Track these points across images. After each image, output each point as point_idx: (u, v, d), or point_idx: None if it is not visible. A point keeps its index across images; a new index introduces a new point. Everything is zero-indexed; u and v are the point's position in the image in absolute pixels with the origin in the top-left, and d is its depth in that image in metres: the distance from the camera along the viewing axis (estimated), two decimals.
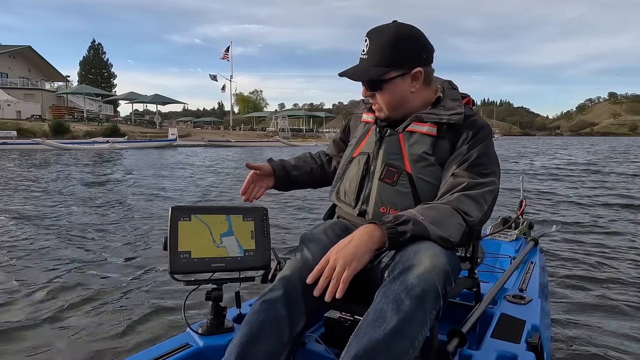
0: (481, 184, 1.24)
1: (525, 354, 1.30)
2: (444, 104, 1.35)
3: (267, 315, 1.14)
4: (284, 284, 1.19)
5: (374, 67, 1.28)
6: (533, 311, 1.59)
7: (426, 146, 1.30)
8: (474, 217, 1.21)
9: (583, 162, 17.51)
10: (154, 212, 6.11)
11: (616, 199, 7.59)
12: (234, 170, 13.44)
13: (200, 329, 1.39)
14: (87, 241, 4.39)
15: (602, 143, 51.40)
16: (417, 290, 1.03)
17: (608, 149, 34.60)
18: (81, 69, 61.23)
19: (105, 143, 27.31)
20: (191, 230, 1.33)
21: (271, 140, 40.26)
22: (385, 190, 1.31)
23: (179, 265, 1.29)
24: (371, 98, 1.37)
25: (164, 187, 9.10)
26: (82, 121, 37.83)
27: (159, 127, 43.14)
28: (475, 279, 1.53)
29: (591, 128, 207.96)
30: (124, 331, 2.43)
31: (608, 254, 4.05)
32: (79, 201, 7.00)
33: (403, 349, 1.00)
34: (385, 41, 1.27)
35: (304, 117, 63.08)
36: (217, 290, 1.40)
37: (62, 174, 11.58)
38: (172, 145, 31.80)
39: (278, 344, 1.13)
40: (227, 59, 55.72)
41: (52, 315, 2.61)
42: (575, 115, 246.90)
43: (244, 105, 71.20)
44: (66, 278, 3.27)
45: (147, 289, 3.07)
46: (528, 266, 2.16)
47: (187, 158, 19.99)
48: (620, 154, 24.69)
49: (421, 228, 1.13)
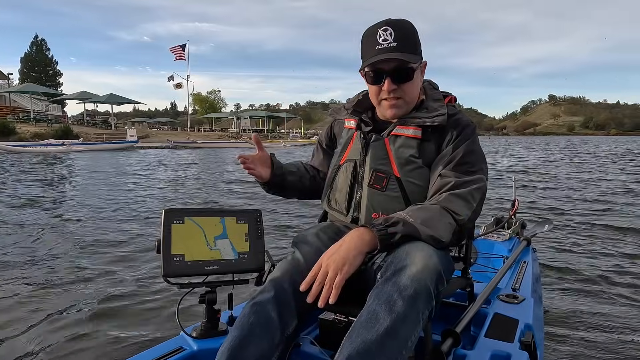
0: (468, 182, 1.25)
1: (518, 353, 1.31)
2: (426, 106, 1.36)
3: (257, 317, 1.13)
4: (275, 285, 1.19)
5: (407, 54, 1.26)
6: (526, 310, 1.60)
7: (413, 149, 1.30)
8: (463, 216, 1.22)
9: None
10: (144, 215, 6.08)
11: (607, 197, 7.67)
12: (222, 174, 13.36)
13: (194, 332, 1.39)
14: (78, 243, 4.35)
15: (545, 143, 50.36)
16: (410, 291, 1.03)
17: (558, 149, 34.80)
18: (23, 67, 56.53)
19: (60, 145, 25.61)
20: (184, 233, 1.32)
21: (239, 142, 39.08)
22: (376, 196, 1.31)
23: (173, 268, 1.29)
24: (394, 92, 1.30)
25: (147, 190, 9.06)
26: (29, 122, 34.94)
27: (115, 128, 40.96)
28: (469, 279, 1.54)
29: (534, 128, 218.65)
30: (117, 335, 2.41)
31: (600, 251, 4.09)
32: (63, 205, 6.95)
33: (396, 349, 1.00)
34: (407, 30, 1.29)
35: (265, 118, 62.07)
36: (210, 293, 1.39)
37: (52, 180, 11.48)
38: (133, 147, 30.11)
39: (269, 346, 1.12)
40: (182, 59, 52.29)
41: (43, 319, 2.59)
42: (519, 116, 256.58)
43: (202, 105, 68.96)
44: (56, 283, 3.24)
45: (140, 292, 3.05)
46: (521, 266, 2.17)
47: (158, 159, 19.42)
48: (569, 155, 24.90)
49: (411, 228, 1.13)
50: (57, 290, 3.08)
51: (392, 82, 1.29)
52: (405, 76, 1.29)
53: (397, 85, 1.30)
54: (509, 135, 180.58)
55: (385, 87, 1.30)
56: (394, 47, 1.25)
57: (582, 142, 53.17)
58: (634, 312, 2.75)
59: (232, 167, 15.09)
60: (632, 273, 3.49)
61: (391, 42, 1.25)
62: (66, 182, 10.29)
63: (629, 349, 2.29)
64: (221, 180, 11.06)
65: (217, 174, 12.69)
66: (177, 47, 52.14)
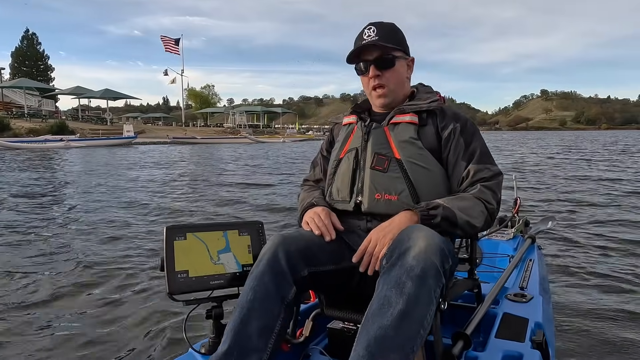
0: (495, 175, 1.36)
1: (530, 352, 1.30)
2: (419, 97, 1.47)
3: (254, 293, 1.20)
4: (268, 258, 1.24)
5: (391, 45, 1.40)
6: (535, 309, 1.59)
7: (411, 132, 1.38)
8: (493, 205, 1.33)
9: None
10: (151, 228, 6.05)
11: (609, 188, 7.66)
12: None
13: (203, 349, 1.37)
14: (81, 260, 4.33)
15: (540, 139, 49.85)
16: (417, 271, 1.05)
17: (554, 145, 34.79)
18: (13, 61, 55.29)
19: (59, 141, 25.36)
20: (187, 249, 1.32)
21: (238, 137, 39.17)
22: (378, 177, 1.37)
23: (177, 285, 1.28)
24: (378, 79, 1.42)
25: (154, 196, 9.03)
26: (23, 117, 33.94)
27: (110, 123, 40.49)
28: (476, 280, 1.53)
29: (526, 123, 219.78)
30: (126, 355, 2.39)
31: (606, 246, 4.07)
32: (66, 213, 6.93)
33: (414, 330, 1.01)
34: (390, 28, 1.43)
35: (261, 113, 61.70)
36: (217, 307, 1.38)
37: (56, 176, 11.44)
38: (131, 143, 29.55)
39: (269, 318, 1.19)
40: (176, 53, 52.54)
41: (50, 337, 2.57)
42: (512, 111, 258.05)
43: (196, 100, 68.02)
44: (63, 300, 3.22)
45: (146, 310, 3.03)
46: (527, 264, 2.16)
47: (162, 156, 19.15)
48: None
49: (450, 212, 1.25)
50: (59, 309, 3.06)
51: (376, 68, 1.41)
52: (387, 62, 1.41)
53: (380, 72, 1.41)
54: (501, 130, 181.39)
55: (370, 74, 1.42)
56: (376, 40, 1.39)
57: (576, 137, 53.16)
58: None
59: (235, 163, 15.08)
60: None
61: (374, 37, 1.40)
62: (76, 180, 10.23)
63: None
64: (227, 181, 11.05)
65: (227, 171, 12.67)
66: (169, 38, 51.84)
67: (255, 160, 18.03)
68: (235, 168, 14.19)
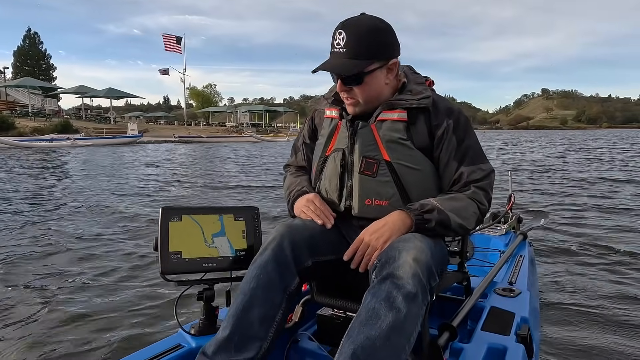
0: (487, 174, 1.34)
1: (514, 345, 1.32)
2: (410, 89, 1.36)
3: (257, 281, 1.20)
4: (273, 247, 1.24)
5: (355, 60, 1.25)
6: (522, 304, 1.62)
7: (400, 132, 1.31)
8: (485, 205, 1.32)
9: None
10: (144, 212, 6.07)
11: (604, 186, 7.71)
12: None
13: (192, 330, 1.39)
14: (74, 243, 4.34)
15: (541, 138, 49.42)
16: (408, 288, 1.06)
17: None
18: (16, 60, 55.24)
19: (65, 140, 25.46)
20: (182, 231, 1.33)
21: (243, 136, 39.50)
22: (367, 182, 1.33)
23: (170, 265, 1.30)
24: (347, 92, 1.32)
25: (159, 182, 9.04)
26: (27, 116, 34.07)
27: (114, 122, 40.59)
28: (465, 273, 1.55)
29: (527, 122, 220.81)
30: (115, 333, 2.42)
31: (597, 244, 4.11)
32: (69, 201, 6.93)
33: (401, 343, 1.03)
34: (364, 33, 1.25)
35: (263, 112, 61.75)
36: (208, 290, 1.40)
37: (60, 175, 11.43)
38: (137, 141, 29.88)
39: (271, 306, 1.20)
40: (178, 52, 52.60)
41: (41, 316, 2.59)
42: (512, 110, 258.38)
43: (198, 99, 68.13)
44: (53, 279, 3.24)
45: (138, 289, 3.06)
46: (517, 259, 2.18)
47: (172, 155, 19.61)
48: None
49: (444, 216, 1.23)
50: (52, 288, 3.08)
51: (343, 84, 1.30)
52: (355, 80, 1.28)
53: (348, 88, 1.31)
54: (502, 129, 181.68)
55: (338, 87, 1.32)
56: (342, 54, 1.26)
57: (576, 136, 53.27)
58: (633, 305, 2.77)
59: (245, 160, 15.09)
60: (630, 264, 3.52)
61: (342, 48, 1.25)
62: (88, 176, 10.23)
63: (626, 342, 2.31)
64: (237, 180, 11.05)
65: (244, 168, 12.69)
66: (171, 35, 51.59)
67: (264, 158, 18.05)
68: (252, 163, 14.18)
